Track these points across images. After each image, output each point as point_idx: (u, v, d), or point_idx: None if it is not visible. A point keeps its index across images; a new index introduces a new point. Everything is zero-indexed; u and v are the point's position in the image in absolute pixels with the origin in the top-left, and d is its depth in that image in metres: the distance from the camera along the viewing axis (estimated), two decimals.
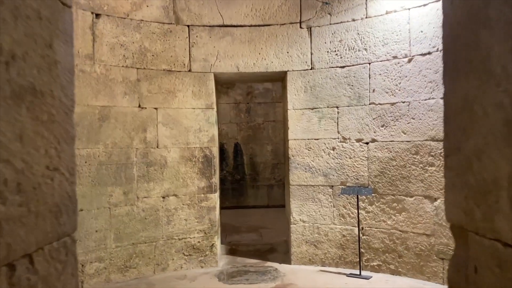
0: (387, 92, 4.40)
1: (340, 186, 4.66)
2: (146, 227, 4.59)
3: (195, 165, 4.81)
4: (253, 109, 8.54)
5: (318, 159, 4.76)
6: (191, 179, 4.79)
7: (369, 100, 4.52)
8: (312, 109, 4.79)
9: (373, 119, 4.49)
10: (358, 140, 4.58)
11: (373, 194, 4.42)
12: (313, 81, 4.79)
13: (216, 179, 4.92)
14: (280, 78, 5.33)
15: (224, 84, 8.45)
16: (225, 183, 8.51)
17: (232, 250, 5.33)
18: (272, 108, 8.54)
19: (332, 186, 4.71)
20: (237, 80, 5.57)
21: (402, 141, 4.29)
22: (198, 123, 4.83)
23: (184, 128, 4.78)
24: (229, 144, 8.56)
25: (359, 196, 4.38)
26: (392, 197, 4.37)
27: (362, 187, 4.51)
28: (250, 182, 8.56)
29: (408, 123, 4.25)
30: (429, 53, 4.07)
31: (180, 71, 4.76)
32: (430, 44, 4.06)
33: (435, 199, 4.04)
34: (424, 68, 4.13)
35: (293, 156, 4.84)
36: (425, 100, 4.11)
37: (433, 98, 4.04)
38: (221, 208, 8.35)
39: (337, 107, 4.69)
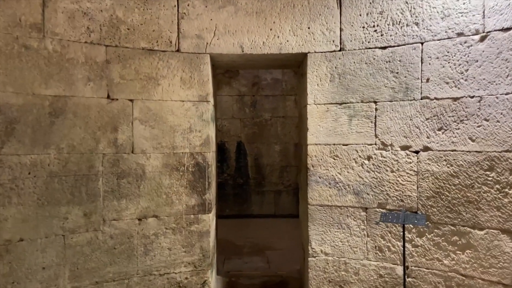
0: (447, 83, 3.18)
1: (377, 209, 3.46)
2: (116, 259, 3.42)
3: (184, 176, 3.63)
4: (260, 103, 7.35)
5: (348, 172, 3.56)
6: (177, 194, 3.61)
7: (421, 93, 3.30)
8: (341, 104, 3.58)
9: (426, 119, 3.27)
10: (404, 148, 3.37)
11: (427, 223, 3.22)
12: (342, 67, 3.57)
13: (211, 195, 3.74)
14: (297, 63, 4.11)
15: (224, 71, 7.26)
16: (225, 187, 7.35)
17: (232, 284, 4.16)
18: (281, 102, 7.33)
19: (366, 208, 3.51)
20: (241, 65, 4.37)
21: (469, 152, 3.09)
22: (188, 121, 3.63)
23: (170, 127, 3.59)
24: (231, 143, 7.38)
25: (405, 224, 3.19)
26: (452, 227, 3.17)
27: (409, 212, 3.32)
28: (254, 187, 7.39)
29: (478, 126, 3.03)
30: None
31: (165, 51, 3.56)
32: None
33: None
34: (506, 49, 2.90)
35: (313, 167, 3.64)
36: (505, 94, 2.89)
37: None
38: (221, 217, 7.19)
39: (375, 102, 3.48)
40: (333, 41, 3.60)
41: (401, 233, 3.33)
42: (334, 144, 3.60)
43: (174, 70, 3.59)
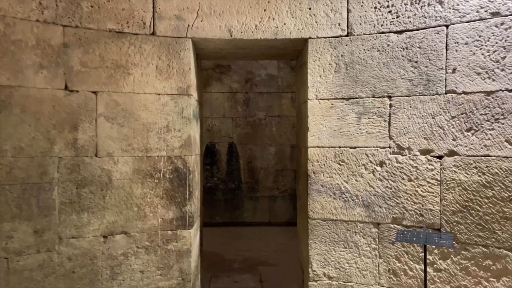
0: (478, 74, 2.61)
1: (392, 225, 2.88)
2: (75, 286, 2.82)
3: (159, 184, 3.03)
4: (253, 101, 6.76)
5: (356, 180, 2.98)
6: (151, 206, 3.01)
7: (446, 86, 2.73)
8: (348, 99, 3.00)
9: (452, 118, 2.70)
10: (425, 152, 2.80)
11: (453, 243, 2.64)
12: (349, 55, 3.00)
13: (193, 206, 3.14)
14: (295, 52, 3.53)
15: (215, 66, 6.67)
16: (215, 193, 6.75)
17: None
18: (277, 100, 6.75)
19: (378, 224, 2.93)
20: (230, 55, 3.76)
21: (506, 157, 2.52)
22: (166, 118, 3.04)
23: (142, 126, 2.99)
24: (222, 144, 6.78)
25: (427, 245, 2.61)
26: (484, 249, 2.60)
27: (431, 229, 2.74)
28: (247, 192, 6.79)
29: None
30: None
31: (137, 34, 2.96)
32: None
33: None
34: None
35: (314, 173, 3.06)
36: None
37: None
38: (210, 225, 6.59)
39: (390, 97, 2.91)
40: (339, 25, 3.02)
41: (420, 255, 2.77)
42: (339, 147, 3.01)
43: (148, 57, 2.99)
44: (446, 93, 2.72)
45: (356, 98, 2.98)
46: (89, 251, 2.85)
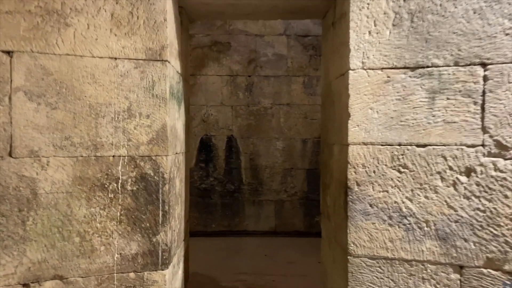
0: None
1: (486, 270, 1.80)
2: None
3: (116, 201, 1.94)
4: (257, 86, 5.64)
5: (426, 197, 1.88)
6: (103, 235, 1.92)
7: None
8: (414, 69, 1.90)
9: None
10: None
11: None
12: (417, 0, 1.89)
13: (169, 233, 2.05)
14: (324, 4, 2.41)
15: (211, 43, 5.54)
16: (211, 195, 5.67)
17: None
18: (286, 85, 5.63)
19: (462, 267, 1.84)
20: (227, 8, 2.61)
21: None
22: (126, 97, 1.94)
23: (89, 108, 1.89)
24: (220, 137, 5.68)
25: None
26: None
27: None
28: (249, 195, 5.70)
29: None
30: None
31: None
32: None
33: None
34: None
35: (359, 186, 1.96)
36: None
37: None
38: (205, 234, 5.50)
39: (484, 65, 1.80)
40: None
41: None
42: (399, 145, 1.92)
43: (98, 0, 1.88)
44: None
45: (428, 67, 1.88)
46: None
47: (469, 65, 1.82)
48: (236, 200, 5.71)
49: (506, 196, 1.77)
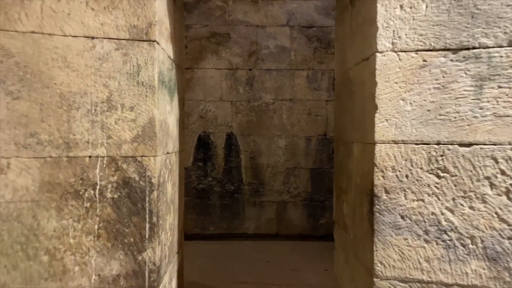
0: None
1: None
2: None
3: (93, 211, 1.60)
4: (258, 80, 5.30)
5: (472, 207, 1.55)
6: (78, 253, 1.58)
7: None
8: (456, 51, 1.56)
9: None
10: None
11: None
12: None
13: (159, 249, 1.71)
14: None
15: (209, 35, 5.19)
16: (210, 196, 5.34)
17: None
18: (288, 79, 5.29)
19: None
20: None
21: None
22: (105, 84, 1.59)
23: (59, 99, 1.55)
24: (219, 134, 5.34)
25: None
26: None
27: None
28: (249, 196, 5.37)
29: None
30: None
31: None
32: None
33: None
34: None
35: (387, 193, 1.62)
36: None
37: None
38: (202, 237, 5.17)
39: None
40: None
41: None
42: (438, 144, 1.58)
43: None
44: None
45: (474, 48, 1.54)
46: None
47: None
48: (235, 201, 5.37)
49: None
